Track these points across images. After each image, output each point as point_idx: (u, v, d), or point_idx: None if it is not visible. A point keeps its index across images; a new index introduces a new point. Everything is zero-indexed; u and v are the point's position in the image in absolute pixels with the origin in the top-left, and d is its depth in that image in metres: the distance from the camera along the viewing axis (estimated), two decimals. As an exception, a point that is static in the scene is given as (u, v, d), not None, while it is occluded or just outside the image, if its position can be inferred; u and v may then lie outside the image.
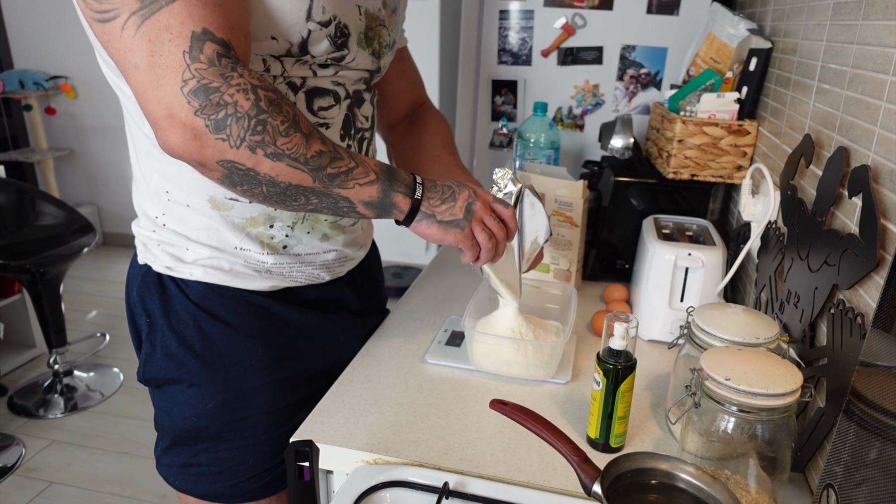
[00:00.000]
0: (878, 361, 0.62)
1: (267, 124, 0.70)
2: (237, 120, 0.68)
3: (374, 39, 0.91)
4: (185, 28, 0.66)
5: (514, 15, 1.63)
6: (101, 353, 2.96)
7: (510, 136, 1.75)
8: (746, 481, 0.74)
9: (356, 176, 0.77)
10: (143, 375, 0.94)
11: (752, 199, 1.12)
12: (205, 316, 0.90)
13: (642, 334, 1.15)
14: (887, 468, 0.58)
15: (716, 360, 0.73)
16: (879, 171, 0.73)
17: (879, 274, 0.71)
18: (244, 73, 0.69)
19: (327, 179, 0.75)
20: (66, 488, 2.14)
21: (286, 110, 0.72)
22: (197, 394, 0.91)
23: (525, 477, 0.80)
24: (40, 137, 4.03)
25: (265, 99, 0.70)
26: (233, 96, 0.68)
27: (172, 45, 0.66)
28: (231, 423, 0.93)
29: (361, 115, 0.94)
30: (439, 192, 0.85)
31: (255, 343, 0.93)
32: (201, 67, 0.66)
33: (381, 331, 1.15)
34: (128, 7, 0.66)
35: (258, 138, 0.69)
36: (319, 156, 0.74)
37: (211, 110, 0.67)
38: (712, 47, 1.36)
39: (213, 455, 0.94)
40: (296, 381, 0.98)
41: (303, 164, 0.73)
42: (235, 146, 0.69)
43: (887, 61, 0.74)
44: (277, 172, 0.72)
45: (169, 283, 0.91)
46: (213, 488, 0.95)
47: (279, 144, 0.71)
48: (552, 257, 1.31)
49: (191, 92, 0.66)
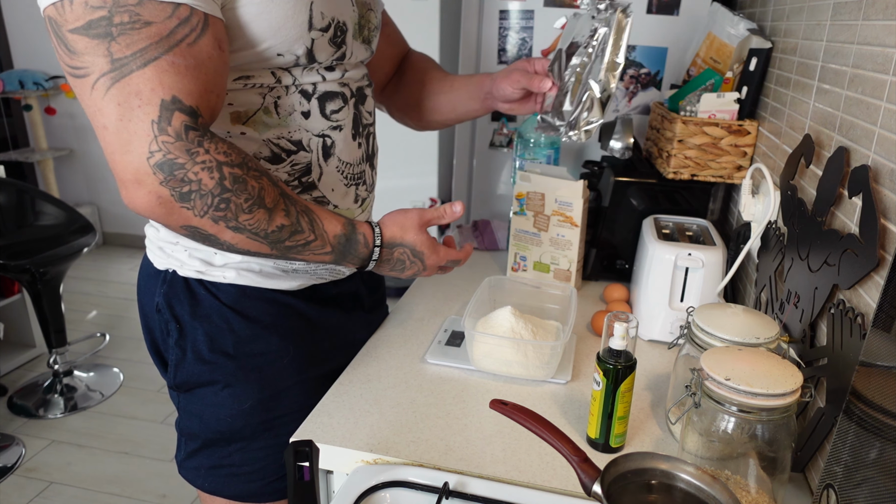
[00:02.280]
0: (878, 361, 0.62)
1: (230, 202, 0.72)
2: (201, 196, 0.70)
3: (364, 27, 0.92)
4: (154, 95, 0.66)
5: (514, 15, 1.63)
6: (101, 353, 2.96)
7: (510, 136, 1.75)
8: (746, 481, 0.74)
9: (313, 248, 0.82)
10: (174, 381, 0.94)
11: (752, 199, 1.12)
12: (237, 318, 0.91)
13: (642, 334, 1.15)
14: (887, 468, 0.58)
15: (716, 360, 0.73)
16: (879, 171, 0.73)
17: (879, 274, 0.71)
18: (210, 149, 0.70)
19: (284, 249, 0.80)
20: (66, 488, 2.14)
21: (251, 186, 0.73)
22: (232, 394, 0.92)
23: (525, 477, 0.80)
24: (40, 137, 4.02)
25: (230, 177, 0.71)
26: (197, 174, 0.69)
27: (142, 111, 0.66)
28: (266, 423, 0.94)
29: (366, 112, 0.96)
30: (391, 265, 0.92)
31: (286, 343, 0.94)
32: (168, 141, 0.67)
33: (382, 331, 1.15)
34: (98, 68, 0.66)
35: (221, 214, 0.72)
36: (280, 230, 0.77)
37: (175, 184, 0.69)
38: (712, 47, 1.36)
39: (247, 455, 0.95)
40: (323, 379, 0.99)
41: (262, 238, 0.76)
42: (199, 216, 0.72)
43: (887, 61, 0.74)
44: (237, 241, 0.76)
45: (197, 286, 0.90)
46: (246, 488, 0.96)
47: (241, 220, 0.74)
48: (552, 257, 1.31)
49: (156, 164, 0.67)
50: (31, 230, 2.59)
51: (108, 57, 0.65)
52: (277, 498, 0.98)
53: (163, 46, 0.66)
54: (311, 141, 0.87)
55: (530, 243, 1.33)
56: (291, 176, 0.87)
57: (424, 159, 3.03)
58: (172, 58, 0.67)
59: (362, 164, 0.96)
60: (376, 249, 0.87)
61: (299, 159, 0.87)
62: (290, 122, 0.85)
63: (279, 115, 0.84)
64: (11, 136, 4.14)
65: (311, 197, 0.90)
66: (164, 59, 0.66)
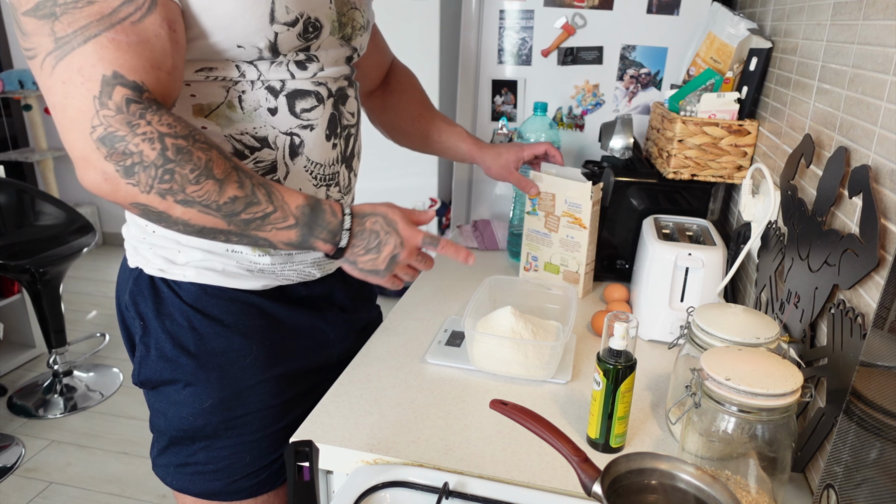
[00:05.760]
0: (878, 361, 0.62)
1: (175, 173, 0.71)
2: (144, 168, 0.69)
3: (346, 25, 0.91)
4: (95, 72, 0.67)
5: (514, 15, 1.63)
6: (101, 353, 2.96)
7: (510, 136, 1.75)
8: (746, 481, 0.74)
9: (273, 221, 0.78)
10: (138, 378, 0.94)
11: (753, 199, 1.12)
12: (198, 316, 0.91)
13: (642, 334, 1.15)
14: (887, 468, 0.58)
15: (716, 360, 0.73)
16: (880, 171, 0.73)
17: (879, 274, 0.71)
18: (153, 121, 0.69)
19: (242, 224, 0.76)
20: (66, 488, 2.14)
21: (197, 157, 0.72)
22: (193, 393, 0.92)
23: (525, 477, 0.80)
24: (40, 137, 4.02)
25: (173, 148, 0.70)
26: (138, 146, 0.69)
27: (84, 87, 0.67)
28: (228, 422, 0.94)
29: (347, 112, 0.94)
30: (365, 240, 0.84)
31: (249, 342, 0.93)
32: (108, 115, 0.67)
33: (381, 331, 1.15)
34: (44, 48, 0.67)
35: (166, 186, 0.71)
36: (233, 202, 0.74)
37: (118, 157, 0.68)
38: (712, 47, 1.36)
39: (211, 454, 0.95)
40: (289, 378, 0.98)
41: (215, 210, 0.74)
42: (146, 192, 0.71)
43: (887, 61, 0.74)
44: (189, 217, 0.73)
45: (161, 285, 0.91)
46: (211, 486, 0.96)
47: (189, 192, 0.72)
48: (562, 259, 1.31)
49: (98, 139, 0.68)
50: (31, 230, 2.59)
51: (52, 36, 0.66)
52: (244, 497, 0.97)
53: (104, 24, 0.67)
54: (278, 139, 0.86)
55: (541, 244, 1.33)
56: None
57: (424, 159, 3.02)
58: (113, 34, 0.67)
59: (336, 165, 0.94)
60: (346, 217, 0.82)
61: (263, 156, 0.86)
62: (256, 118, 0.84)
63: (244, 111, 0.83)
64: (11, 136, 4.14)
65: None
66: (104, 36, 0.67)
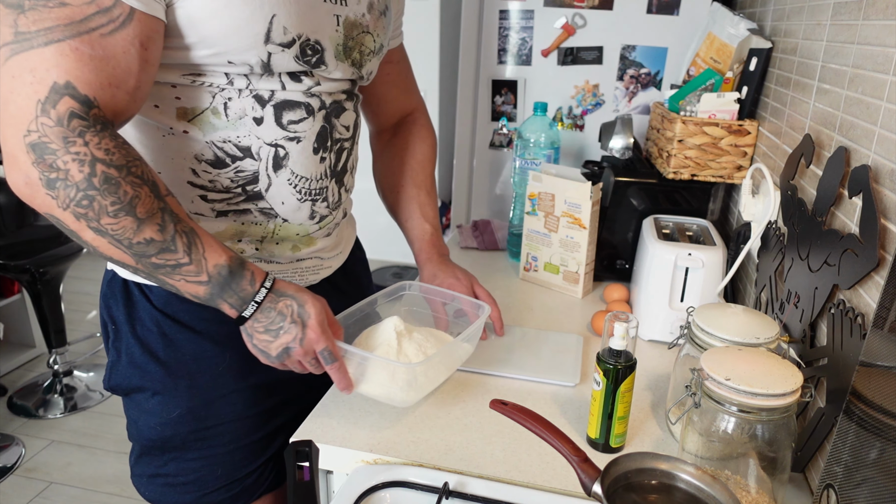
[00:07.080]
0: (878, 361, 0.62)
1: (94, 201, 0.68)
2: (66, 187, 0.67)
3: (353, 49, 0.88)
4: (48, 76, 0.65)
5: (514, 15, 1.63)
6: (101, 353, 2.96)
7: (510, 136, 1.75)
8: (746, 481, 0.74)
9: (184, 273, 0.74)
10: (108, 383, 0.92)
11: (753, 199, 1.12)
12: (168, 322, 0.88)
13: (642, 334, 1.15)
14: (887, 468, 0.58)
15: (716, 360, 0.73)
16: (879, 171, 0.73)
17: (879, 274, 0.71)
18: (91, 142, 0.67)
19: (151, 266, 0.73)
20: (66, 488, 2.14)
21: (124, 191, 0.69)
22: (161, 402, 0.89)
23: (525, 477, 0.80)
24: (40, 137, 4.02)
25: (101, 175, 0.68)
26: (66, 164, 0.66)
27: (31, 89, 0.65)
28: (197, 433, 0.91)
29: (341, 126, 0.91)
30: (269, 320, 0.79)
31: (222, 349, 0.90)
32: (47, 124, 0.66)
33: (381, 331, 1.15)
34: (2, 37, 0.65)
35: (83, 211, 0.68)
36: (147, 244, 0.71)
37: (44, 168, 0.67)
38: (712, 47, 1.36)
39: (181, 465, 0.91)
40: (268, 388, 0.94)
41: (126, 247, 0.71)
42: (62, 208, 0.68)
43: (887, 61, 0.74)
44: (98, 245, 0.71)
45: (133, 289, 0.89)
46: (182, 499, 0.92)
47: (103, 223, 0.69)
48: (562, 259, 1.31)
49: (30, 144, 0.66)
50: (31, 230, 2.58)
51: (14, 28, 0.64)
52: None
53: (71, 30, 0.65)
54: (262, 149, 0.83)
55: (541, 244, 1.33)
56: (235, 183, 0.84)
57: (424, 159, 3.01)
58: (77, 43, 0.65)
59: (324, 179, 0.90)
60: (262, 290, 0.77)
61: (245, 166, 0.83)
62: (240, 127, 0.81)
63: (228, 118, 0.81)
64: (11, 136, 4.13)
65: (256, 207, 0.86)
66: (67, 44, 0.65)
